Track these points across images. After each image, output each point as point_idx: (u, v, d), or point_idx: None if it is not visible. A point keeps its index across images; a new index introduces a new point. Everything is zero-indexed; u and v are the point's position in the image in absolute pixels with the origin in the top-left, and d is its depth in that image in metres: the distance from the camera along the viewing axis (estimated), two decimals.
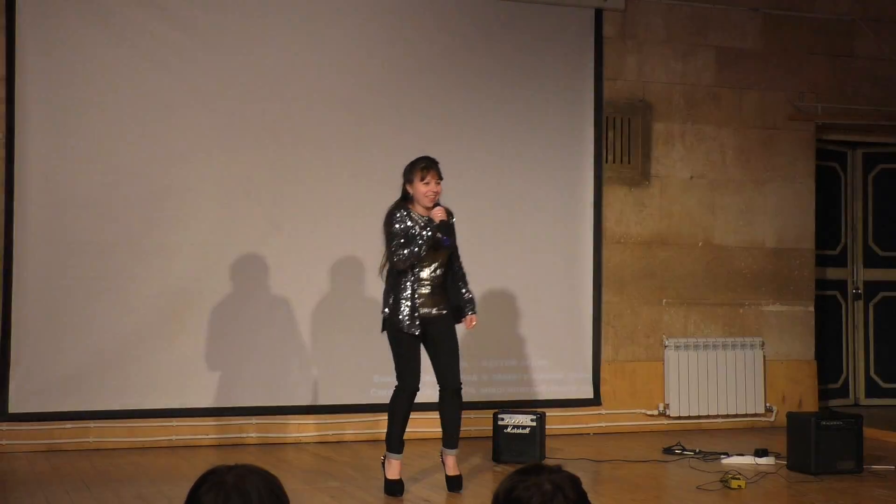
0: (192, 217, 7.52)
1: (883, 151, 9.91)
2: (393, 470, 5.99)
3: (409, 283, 5.81)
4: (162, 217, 7.46)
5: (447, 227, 5.88)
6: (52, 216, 7.25)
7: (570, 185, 8.38)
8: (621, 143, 8.62)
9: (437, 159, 8.24)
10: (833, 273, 9.78)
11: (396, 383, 6.02)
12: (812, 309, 9.13)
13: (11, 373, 7.13)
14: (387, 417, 6.05)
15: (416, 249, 5.76)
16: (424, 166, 5.87)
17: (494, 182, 8.16)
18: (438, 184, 5.89)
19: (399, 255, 5.76)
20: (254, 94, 7.66)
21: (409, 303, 5.81)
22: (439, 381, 6.05)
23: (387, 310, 5.90)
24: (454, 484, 6.04)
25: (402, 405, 5.96)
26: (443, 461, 6.13)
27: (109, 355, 7.31)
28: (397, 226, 5.82)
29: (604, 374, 8.45)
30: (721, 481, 6.27)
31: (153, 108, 7.45)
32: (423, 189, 5.85)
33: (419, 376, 5.98)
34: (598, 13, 8.49)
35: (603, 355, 8.47)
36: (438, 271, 5.94)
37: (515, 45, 8.26)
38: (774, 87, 9.04)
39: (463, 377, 8.06)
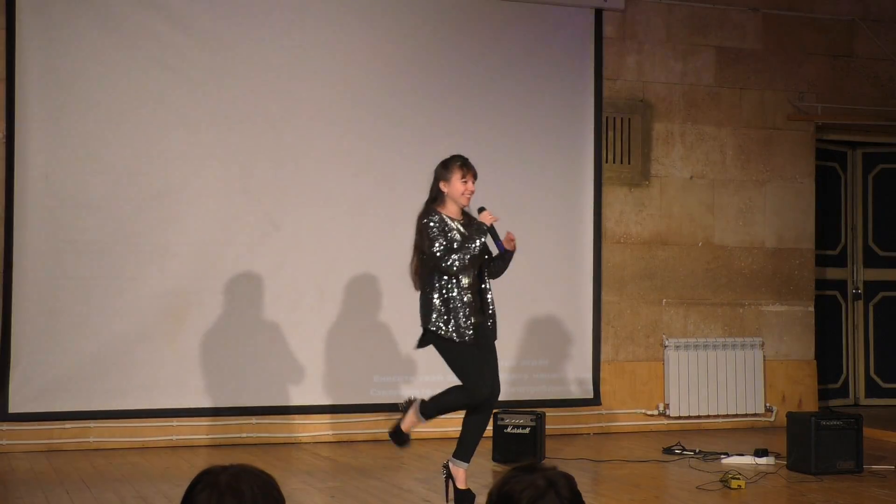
0: (192, 217, 7.52)
1: (883, 151, 9.91)
2: (407, 422, 5.72)
3: (456, 292, 5.52)
4: (162, 217, 7.45)
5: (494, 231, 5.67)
6: (52, 216, 7.25)
7: (570, 185, 8.38)
8: (621, 143, 8.61)
9: (437, 158, 8.24)
10: (833, 273, 9.78)
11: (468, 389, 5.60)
12: (812, 309, 9.13)
13: (11, 373, 7.13)
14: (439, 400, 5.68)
15: (468, 257, 5.50)
16: (463, 164, 5.67)
17: (494, 182, 8.12)
18: (474, 183, 5.71)
19: (450, 259, 5.46)
20: (254, 94, 7.66)
21: (463, 311, 5.50)
22: None
23: (440, 324, 5.52)
24: (466, 498, 5.68)
25: (460, 404, 5.63)
26: (451, 473, 5.72)
27: (109, 355, 7.31)
28: (436, 230, 5.55)
29: (604, 374, 8.45)
30: (721, 481, 6.27)
31: (153, 108, 7.45)
32: (461, 188, 5.64)
33: (489, 384, 5.61)
34: (598, 13, 8.48)
35: (603, 355, 8.47)
36: (475, 278, 5.66)
37: (515, 45, 8.26)
38: (774, 87, 9.04)
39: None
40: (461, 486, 5.69)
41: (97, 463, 6.80)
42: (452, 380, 5.71)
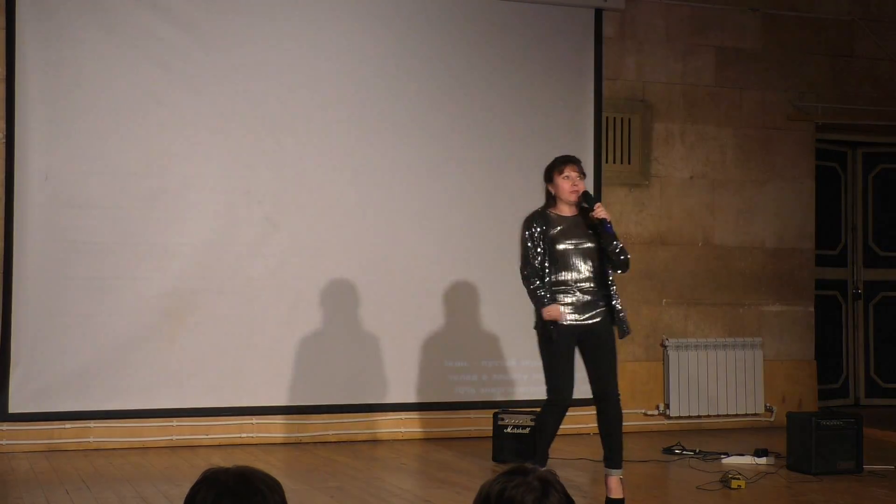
0: (192, 217, 7.52)
1: (883, 151, 9.91)
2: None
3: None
4: (162, 217, 7.45)
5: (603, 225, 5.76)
6: (52, 216, 7.25)
7: None
8: (621, 143, 8.61)
9: (437, 158, 8.25)
10: (833, 273, 9.78)
11: (549, 397, 5.95)
12: (812, 309, 9.13)
13: (11, 373, 7.13)
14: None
15: (536, 301, 5.88)
16: (562, 160, 5.71)
17: (494, 182, 8.15)
18: (581, 179, 5.71)
19: (528, 283, 5.85)
20: (254, 95, 7.66)
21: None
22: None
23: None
24: None
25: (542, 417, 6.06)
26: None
27: (109, 355, 7.31)
28: (527, 233, 5.77)
29: None
30: (721, 481, 6.27)
31: (153, 108, 7.45)
32: (563, 184, 5.66)
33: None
34: (598, 13, 8.48)
35: None
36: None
37: (515, 45, 8.26)
38: (774, 87, 9.04)
39: (463, 377, 8.13)
40: (613, 495, 5.55)
41: (97, 463, 6.80)
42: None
